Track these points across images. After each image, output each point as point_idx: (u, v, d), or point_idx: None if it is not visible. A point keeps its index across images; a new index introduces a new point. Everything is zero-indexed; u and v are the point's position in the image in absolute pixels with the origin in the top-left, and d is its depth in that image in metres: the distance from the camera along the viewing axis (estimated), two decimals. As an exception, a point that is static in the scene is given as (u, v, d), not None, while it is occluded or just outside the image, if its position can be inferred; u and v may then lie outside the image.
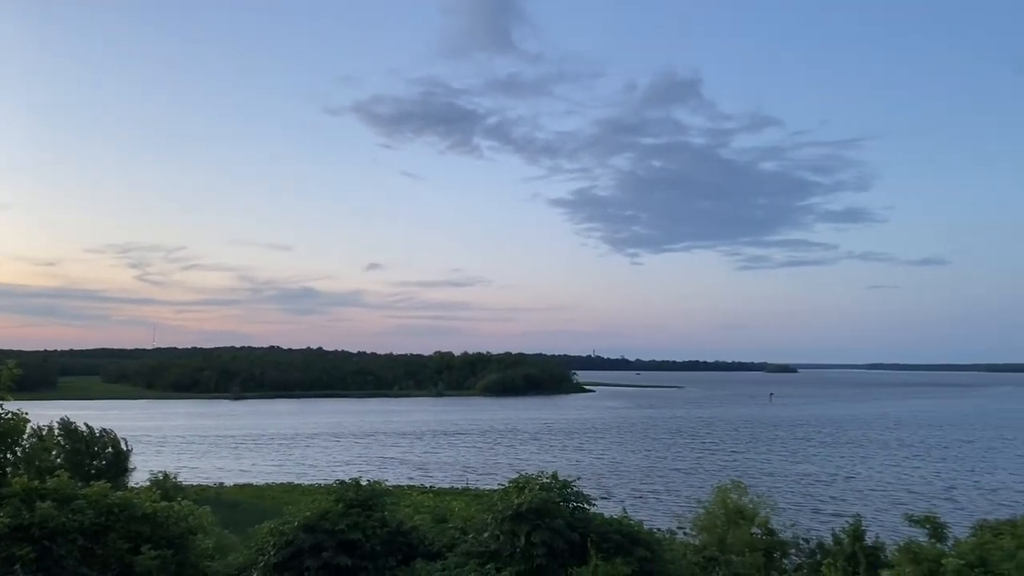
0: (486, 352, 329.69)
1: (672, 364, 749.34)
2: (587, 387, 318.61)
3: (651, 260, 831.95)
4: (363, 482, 20.46)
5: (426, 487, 72.47)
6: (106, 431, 53.99)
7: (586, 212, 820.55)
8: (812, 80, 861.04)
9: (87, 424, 53.54)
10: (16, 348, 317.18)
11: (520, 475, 19.81)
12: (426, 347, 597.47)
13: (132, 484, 45.84)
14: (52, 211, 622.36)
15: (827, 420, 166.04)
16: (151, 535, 18.11)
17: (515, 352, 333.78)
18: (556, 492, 18.69)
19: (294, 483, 75.40)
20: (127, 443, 55.05)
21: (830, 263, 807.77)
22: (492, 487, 56.91)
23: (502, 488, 19.89)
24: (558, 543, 17.39)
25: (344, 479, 20.91)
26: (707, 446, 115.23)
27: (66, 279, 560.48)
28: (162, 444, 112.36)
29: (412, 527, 20.14)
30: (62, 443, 50.54)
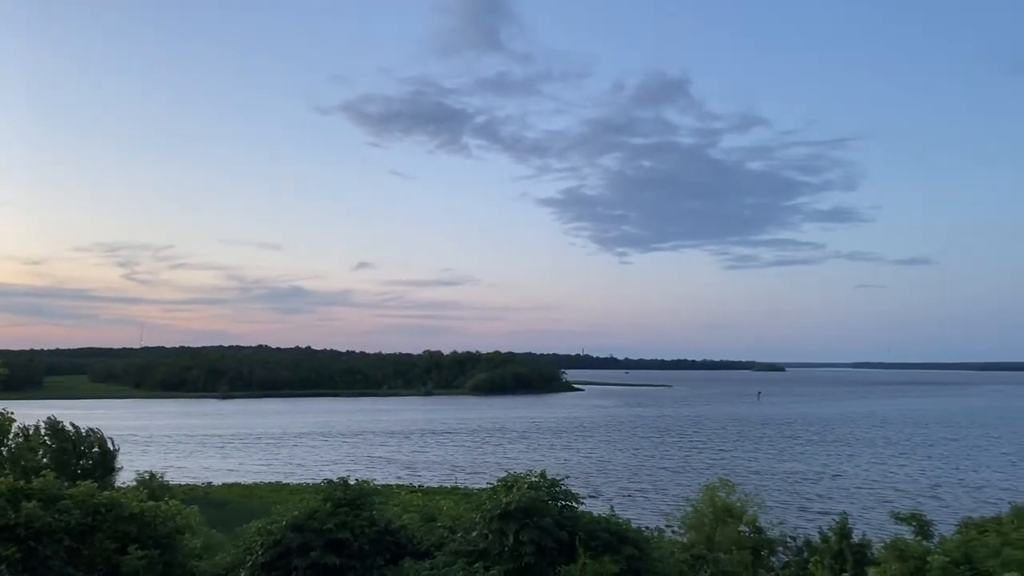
0: (475, 351, 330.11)
1: (661, 363, 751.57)
2: (576, 386, 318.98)
3: (640, 259, 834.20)
4: (351, 481, 20.46)
5: (414, 486, 72.32)
6: (93, 430, 53.69)
7: (575, 211, 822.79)
8: (800, 80, 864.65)
9: (73, 423, 53.21)
10: (2, 347, 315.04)
11: (508, 474, 19.86)
12: (415, 346, 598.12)
13: (119, 484, 45.64)
14: (38, 209, 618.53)
15: (814, 418, 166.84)
16: (138, 535, 18.05)
17: (504, 351, 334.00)
18: (544, 491, 18.75)
19: (282, 482, 75.09)
20: (114, 443, 54.76)
21: (817, 262, 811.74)
22: (480, 486, 56.96)
23: (491, 487, 19.92)
24: (546, 541, 17.43)
25: (332, 478, 20.90)
26: (695, 445, 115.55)
27: (53, 278, 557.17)
28: (149, 444, 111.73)
29: (400, 526, 20.14)
30: (48, 443, 50.27)
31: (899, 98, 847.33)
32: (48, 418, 52.23)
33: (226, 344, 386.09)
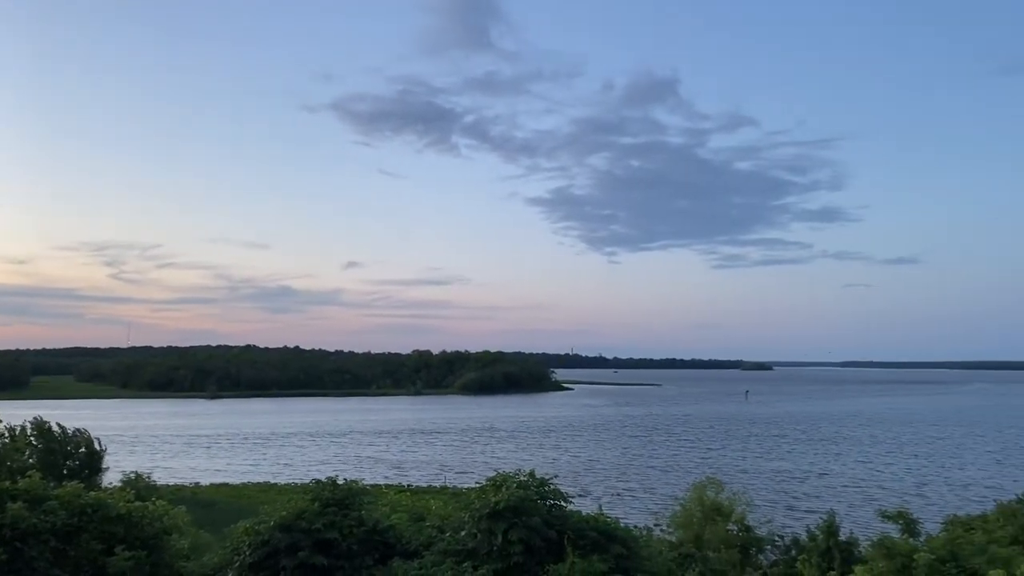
0: (464, 351, 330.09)
1: (649, 362, 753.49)
2: (565, 385, 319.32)
3: (628, 259, 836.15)
4: (340, 481, 20.43)
5: (403, 486, 72.27)
6: (79, 431, 53.43)
7: (564, 211, 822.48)
8: (789, 80, 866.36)
9: (60, 424, 52.93)
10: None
11: (497, 473, 19.88)
12: (404, 346, 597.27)
13: (106, 484, 45.35)
14: (23, 208, 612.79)
15: (802, 417, 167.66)
16: (125, 536, 17.97)
17: (493, 350, 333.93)
18: (533, 490, 18.77)
19: (270, 482, 74.87)
20: (101, 443, 54.49)
21: (805, 262, 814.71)
22: (469, 485, 56.90)
23: (479, 486, 19.94)
24: (535, 541, 17.45)
25: (320, 478, 20.87)
26: (683, 443, 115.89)
27: (39, 277, 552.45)
28: (136, 444, 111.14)
29: (389, 526, 20.11)
30: (34, 443, 50.06)
31: (887, 98, 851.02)
32: (34, 418, 51.96)
33: (214, 344, 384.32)
